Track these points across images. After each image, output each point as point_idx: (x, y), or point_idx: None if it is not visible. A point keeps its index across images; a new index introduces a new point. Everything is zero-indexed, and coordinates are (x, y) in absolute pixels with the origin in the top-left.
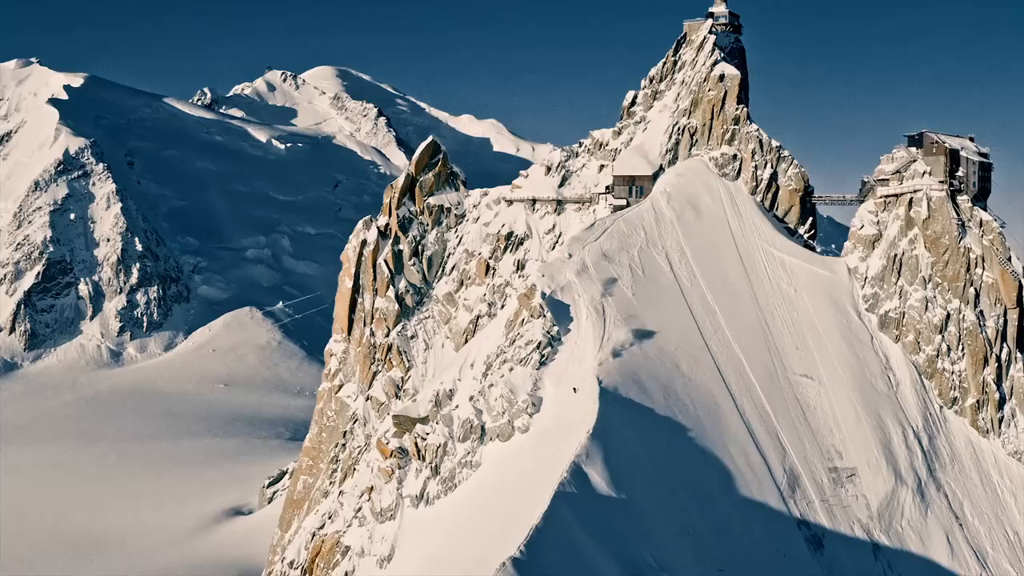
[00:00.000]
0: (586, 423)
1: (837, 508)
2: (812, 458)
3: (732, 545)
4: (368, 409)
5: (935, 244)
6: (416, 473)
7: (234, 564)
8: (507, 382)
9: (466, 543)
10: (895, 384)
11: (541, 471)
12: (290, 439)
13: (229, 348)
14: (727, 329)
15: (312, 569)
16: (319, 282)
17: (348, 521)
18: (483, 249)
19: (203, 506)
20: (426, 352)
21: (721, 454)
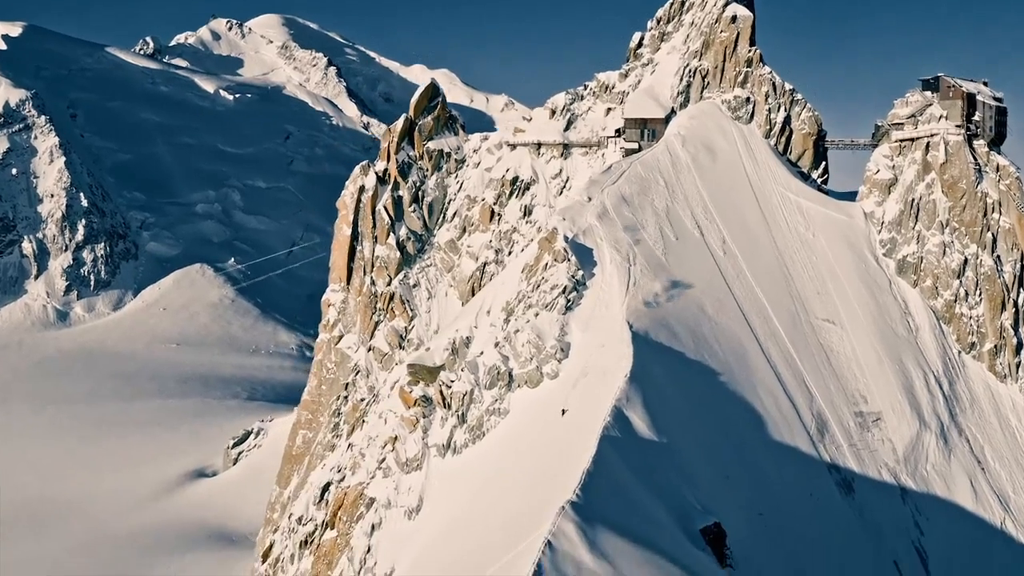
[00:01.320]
0: (622, 367)
1: (865, 452)
2: (838, 402)
3: (768, 489)
4: (370, 360)
5: (952, 189)
6: (442, 422)
7: (202, 526)
8: (533, 328)
9: (499, 491)
10: (915, 329)
11: (576, 416)
12: (248, 399)
13: (180, 306)
14: (749, 274)
15: (334, 523)
16: (271, 237)
17: (371, 473)
18: (486, 195)
19: (164, 469)
20: (429, 301)
21: (751, 399)
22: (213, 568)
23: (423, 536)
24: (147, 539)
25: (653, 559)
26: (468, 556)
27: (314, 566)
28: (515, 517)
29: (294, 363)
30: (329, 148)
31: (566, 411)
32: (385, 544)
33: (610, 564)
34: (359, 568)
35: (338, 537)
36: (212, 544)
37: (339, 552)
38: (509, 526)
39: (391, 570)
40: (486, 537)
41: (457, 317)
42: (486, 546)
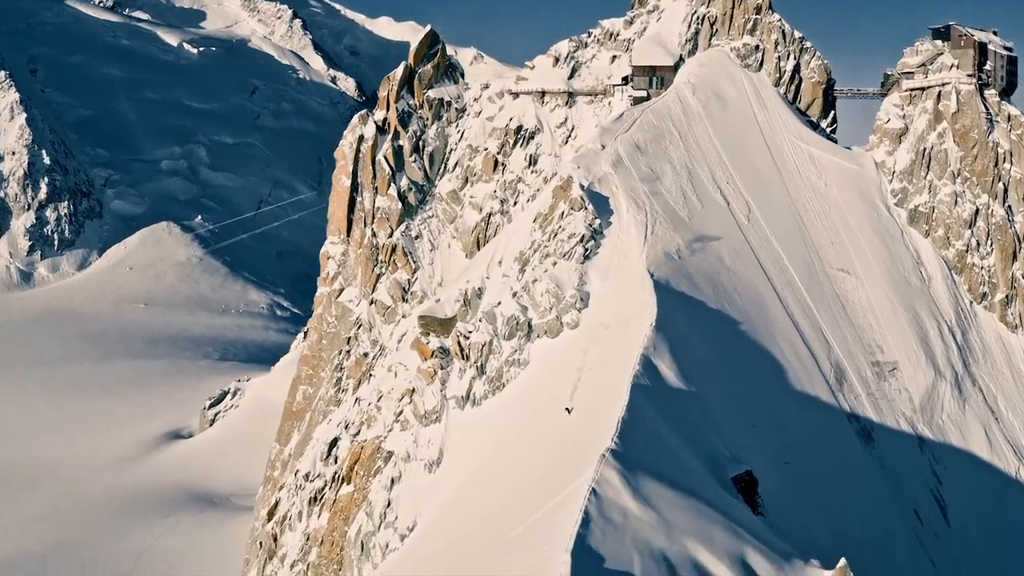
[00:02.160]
0: (646, 316)
1: (883, 402)
2: (855, 352)
3: (791, 439)
4: (372, 313)
5: (964, 138)
6: (460, 374)
7: (180, 488)
8: (552, 277)
9: (526, 442)
10: (927, 279)
11: (600, 366)
12: (220, 359)
13: (147, 265)
14: (763, 222)
15: (350, 477)
16: (239, 194)
17: (388, 426)
18: (489, 144)
19: (138, 431)
20: (432, 253)
21: (772, 348)
22: (194, 530)
23: (445, 489)
24: (124, 502)
25: (695, 505)
26: (500, 507)
27: (330, 522)
28: (549, 467)
29: (265, 322)
30: (296, 102)
31: (571, 409)
32: (406, 498)
33: (654, 510)
34: (379, 523)
35: (355, 492)
36: (192, 506)
37: (356, 507)
38: (543, 476)
39: (413, 524)
40: (518, 487)
41: (467, 268)
42: (520, 497)
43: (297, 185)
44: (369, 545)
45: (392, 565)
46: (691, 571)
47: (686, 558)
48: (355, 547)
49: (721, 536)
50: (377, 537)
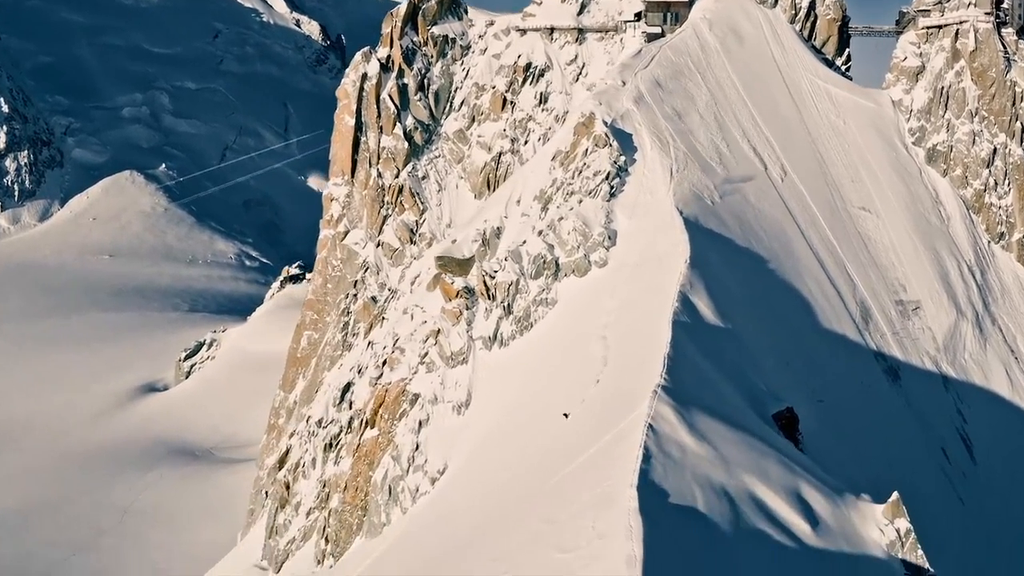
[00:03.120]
0: (679, 253)
1: (907, 341)
2: (879, 291)
3: (824, 377)
4: (380, 256)
5: (982, 77)
6: (486, 314)
7: (159, 442)
8: (578, 215)
9: (555, 382)
10: (946, 218)
11: (635, 303)
12: (190, 311)
13: (111, 216)
14: (785, 160)
15: (374, 421)
16: (202, 141)
17: (413, 368)
18: (497, 82)
19: (111, 384)
20: (439, 193)
21: (799, 286)
22: (177, 483)
23: (476, 431)
24: (103, 458)
25: (747, 440)
26: (541, 448)
27: (353, 467)
28: (591, 405)
29: (233, 273)
30: (260, 47)
31: (568, 415)
32: (434, 441)
33: (711, 446)
34: (407, 466)
35: (379, 436)
36: (173, 459)
37: (381, 451)
38: (586, 414)
39: (443, 467)
40: (558, 426)
41: (482, 208)
42: (563, 436)
43: (262, 131)
44: (397, 490)
45: (424, 509)
46: (751, 505)
47: (745, 492)
48: (381, 492)
49: (776, 471)
50: (406, 481)
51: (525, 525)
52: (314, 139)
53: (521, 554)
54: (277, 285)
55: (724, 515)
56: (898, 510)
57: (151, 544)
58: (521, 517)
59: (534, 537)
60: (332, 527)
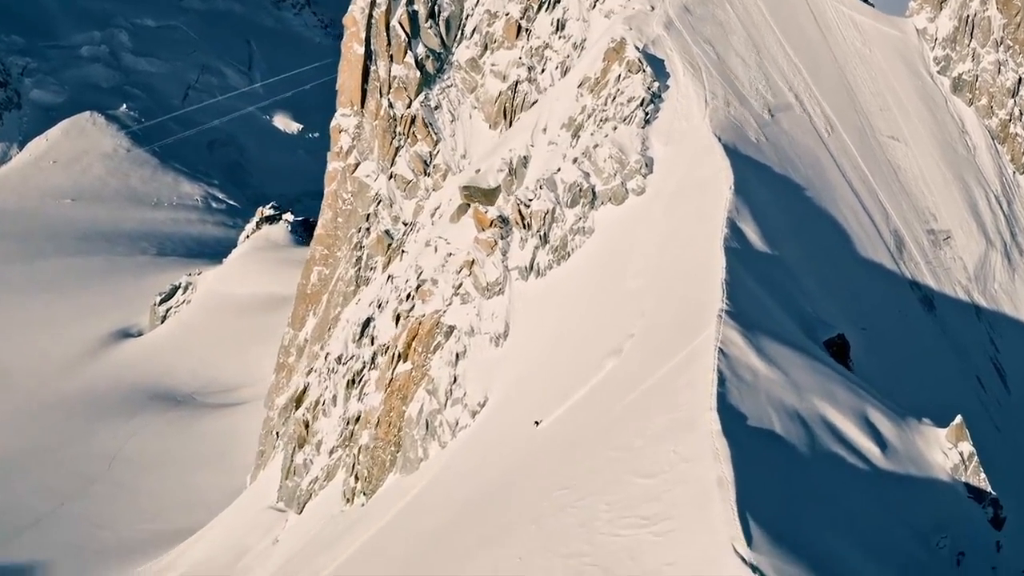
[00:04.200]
0: (722, 179)
1: (940, 270)
2: (911, 220)
3: (864, 305)
4: (393, 188)
5: (1007, 5)
6: (521, 243)
7: (138, 388)
8: (613, 142)
9: (597, 310)
10: (972, 148)
11: (680, 230)
12: (158, 254)
13: (72, 158)
14: (814, 87)
15: (407, 354)
16: (164, 80)
17: (447, 300)
18: (511, 9)
19: (82, 331)
20: (453, 124)
21: (835, 214)
22: (163, 430)
23: (516, 362)
24: (83, 406)
25: (812, 364)
26: (593, 378)
27: (386, 402)
28: (645, 331)
29: (201, 215)
30: None
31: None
32: (473, 373)
33: (780, 370)
34: (444, 400)
35: (413, 370)
36: (156, 406)
37: (415, 385)
38: (641, 341)
39: (484, 399)
40: (610, 354)
41: (504, 138)
42: (618, 363)
43: (225, 70)
44: (434, 424)
45: (468, 442)
46: (823, 429)
47: (816, 416)
48: (417, 427)
49: (843, 395)
50: (444, 415)
51: (593, 453)
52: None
53: (594, 481)
54: (252, 226)
55: (800, 438)
56: (961, 433)
57: (143, 492)
58: (586, 445)
59: (606, 464)
60: (362, 464)
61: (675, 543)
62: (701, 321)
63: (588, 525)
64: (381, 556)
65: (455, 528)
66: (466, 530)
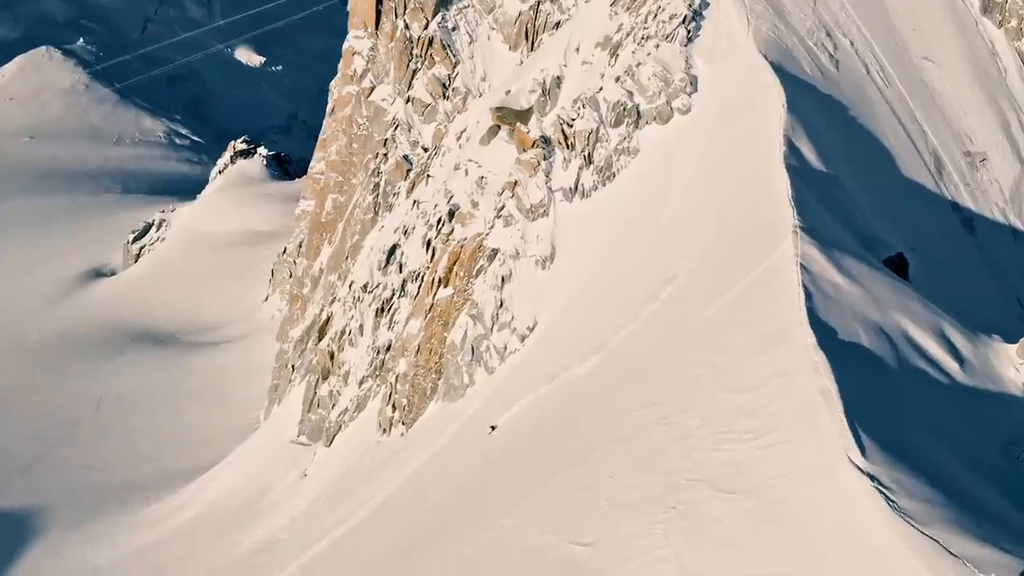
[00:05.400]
0: (773, 97)
1: (977, 192)
2: (948, 142)
3: (910, 224)
4: (410, 112)
5: None
6: (564, 164)
7: (117, 328)
8: (656, 60)
9: (647, 231)
10: (1003, 71)
11: (734, 149)
12: (123, 192)
13: (29, 95)
14: (850, 7)
15: (449, 279)
16: (121, 14)
17: (489, 223)
18: None
19: (53, 271)
20: (471, 46)
21: (878, 135)
22: (148, 370)
23: (565, 284)
24: (61, 347)
25: (887, 280)
26: (655, 298)
27: (427, 329)
28: (707, 251)
29: (164, 152)
30: None
31: (495, 427)
32: (520, 297)
33: (860, 285)
34: (491, 325)
35: (455, 295)
36: (137, 346)
37: (456, 311)
38: (704, 260)
39: (533, 323)
40: (671, 273)
41: (534, 58)
42: (683, 282)
43: (184, 1)
44: (480, 349)
45: (520, 366)
46: (905, 343)
47: (898, 330)
48: (462, 352)
49: (918, 310)
50: (491, 340)
51: (673, 372)
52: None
53: (680, 399)
54: (225, 161)
55: (887, 352)
56: None
57: (136, 432)
58: (663, 365)
59: (692, 381)
60: (400, 393)
61: (783, 456)
62: (772, 237)
63: (683, 441)
64: (443, 481)
65: (525, 452)
66: (539, 454)
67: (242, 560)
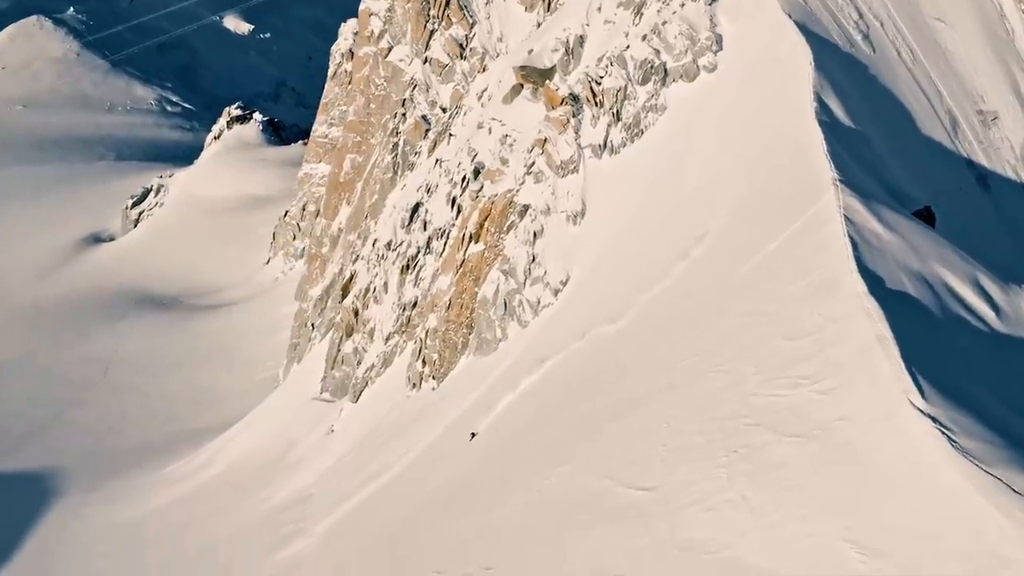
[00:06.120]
0: (800, 54)
1: (990, 150)
2: (962, 101)
3: (928, 179)
4: (428, 73)
5: None
6: (593, 121)
7: (119, 292)
8: (682, 19)
9: (677, 186)
10: (1011, 32)
11: (762, 106)
12: (117, 159)
13: (20, 64)
14: None
15: (480, 235)
16: None
17: (519, 179)
18: None
19: (51, 238)
20: (487, 6)
21: (897, 93)
22: (154, 333)
23: (597, 239)
24: (65, 312)
25: (923, 230)
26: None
27: (458, 284)
28: (741, 204)
29: (156, 119)
30: None
31: (475, 434)
32: (552, 251)
33: (899, 235)
34: (523, 279)
35: (486, 250)
36: (141, 310)
37: (487, 266)
38: (740, 213)
39: (566, 277)
40: (701, 229)
41: (555, 17)
42: (716, 234)
43: None
44: (513, 304)
45: (550, 321)
46: (945, 292)
47: (937, 279)
48: (494, 307)
49: (955, 259)
50: (523, 294)
51: (721, 321)
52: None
53: (730, 347)
54: (220, 126)
55: (931, 300)
56: None
57: (149, 394)
58: (708, 315)
59: (741, 330)
60: (430, 348)
61: (842, 400)
62: (810, 191)
63: (737, 388)
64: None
65: (573, 403)
66: (588, 404)
67: (270, 516)
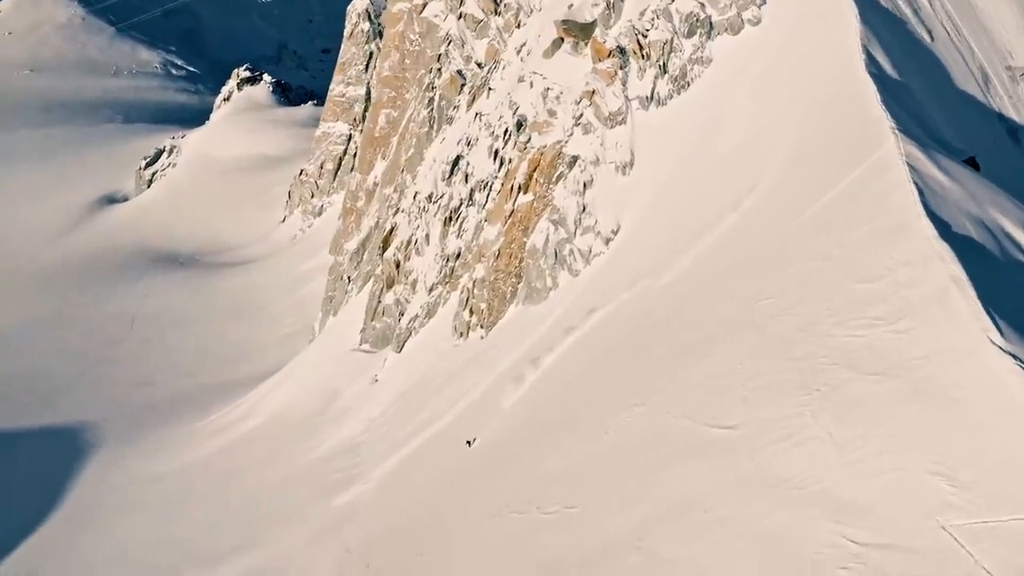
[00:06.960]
0: (846, 8)
1: (1020, 104)
2: (992, 57)
3: (966, 132)
4: (463, 28)
5: None
6: (640, 73)
7: (137, 252)
8: None
9: (725, 137)
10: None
11: (810, 59)
12: (124, 122)
13: (27, 29)
14: None
15: (529, 186)
16: None
17: (568, 131)
18: None
19: (65, 199)
20: None
21: (932, 48)
22: (175, 289)
23: (647, 189)
24: (86, 270)
25: (977, 178)
26: (746, 197)
27: (507, 234)
28: (796, 153)
29: (161, 82)
30: None
31: (471, 442)
32: (602, 201)
33: (958, 182)
34: (574, 229)
35: (535, 201)
36: (159, 268)
37: (536, 216)
38: (794, 161)
39: (616, 227)
40: (753, 178)
41: None
42: (774, 181)
43: None
44: (563, 253)
45: (603, 269)
46: (1004, 238)
47: (996, 226)
48: (544, 256)
49: (1009, 206)
50: (574, 243)
51: (788, 265)
52: None
53: (802, 290)
54: (230, 88)
55: (992, 245)
56: None
57: (176, 349)
58: (773, 259)
59: (810, 273)
60: (477, 298)
61: (920, 339)
62: (869, 139)
63: (811, 329)
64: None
65: (629, 350)
66: (648, 348)
67: (316, 464)
